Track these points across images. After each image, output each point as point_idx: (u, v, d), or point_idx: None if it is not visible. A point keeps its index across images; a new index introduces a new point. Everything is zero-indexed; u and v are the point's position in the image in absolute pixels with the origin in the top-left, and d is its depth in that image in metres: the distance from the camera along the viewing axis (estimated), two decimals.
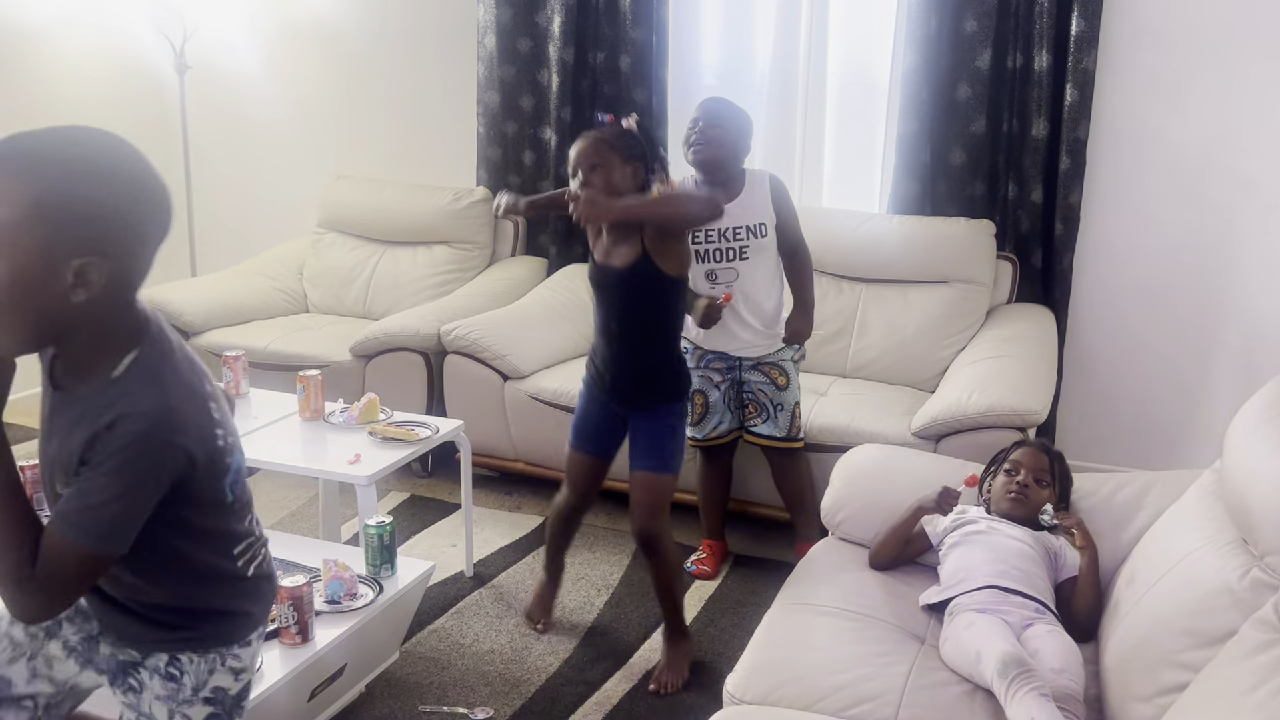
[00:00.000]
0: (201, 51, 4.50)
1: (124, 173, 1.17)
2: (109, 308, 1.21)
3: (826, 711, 1.72)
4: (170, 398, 1.24)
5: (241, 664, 1.48)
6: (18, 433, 4.04)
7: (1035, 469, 2.19)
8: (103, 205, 1.14)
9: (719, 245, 2.78)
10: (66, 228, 1.11)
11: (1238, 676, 1.35)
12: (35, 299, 1.13)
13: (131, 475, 1.20)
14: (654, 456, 2.45)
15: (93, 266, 1.13)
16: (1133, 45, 3.39)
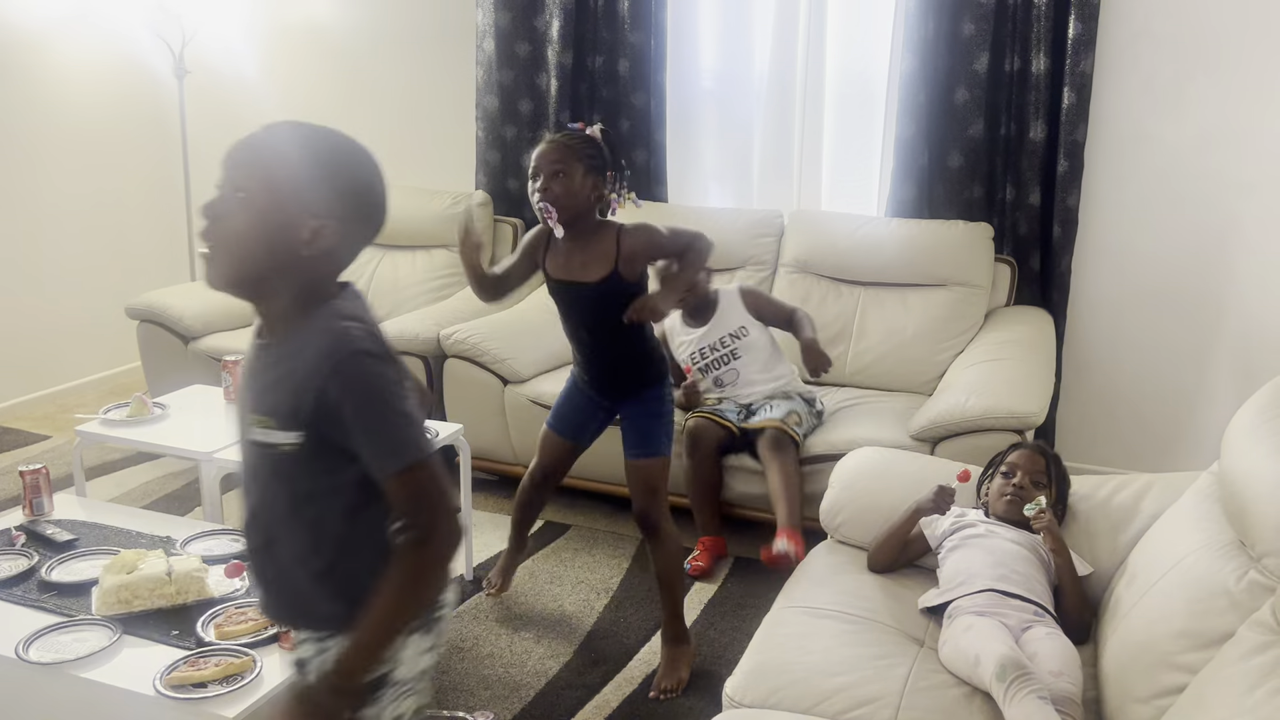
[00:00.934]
0: (200, 56, 4.51)
1: (368, 170, 1.37)
2: (322, 275, 1.35)
3: (826, 714, 1.72)
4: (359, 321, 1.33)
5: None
6: (19, 437, 4.04)
7: (1032, 471, 2.20)
8: (350, 187, 1.34)
9: (712, 358, 3.23)
10: (322, 193, 1.30)
11: (1235, 678, 1.36)
12: (275, 240, 1.29)
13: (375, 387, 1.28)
14: (643, 444, 2.50)
15: (327, 229, 1.30)
16: (1130, 48, 3.40)
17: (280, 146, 1.30)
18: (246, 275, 1.32)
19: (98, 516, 2.53)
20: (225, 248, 1.30)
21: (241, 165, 1.30)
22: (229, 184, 1.30)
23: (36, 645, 1.94)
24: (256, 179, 1.29)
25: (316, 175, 1.30)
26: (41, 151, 4.27)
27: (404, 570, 1.28)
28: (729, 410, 3.16)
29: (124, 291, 4.25)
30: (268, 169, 1.29)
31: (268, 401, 1.32)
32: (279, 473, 1.34)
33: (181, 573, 2.10)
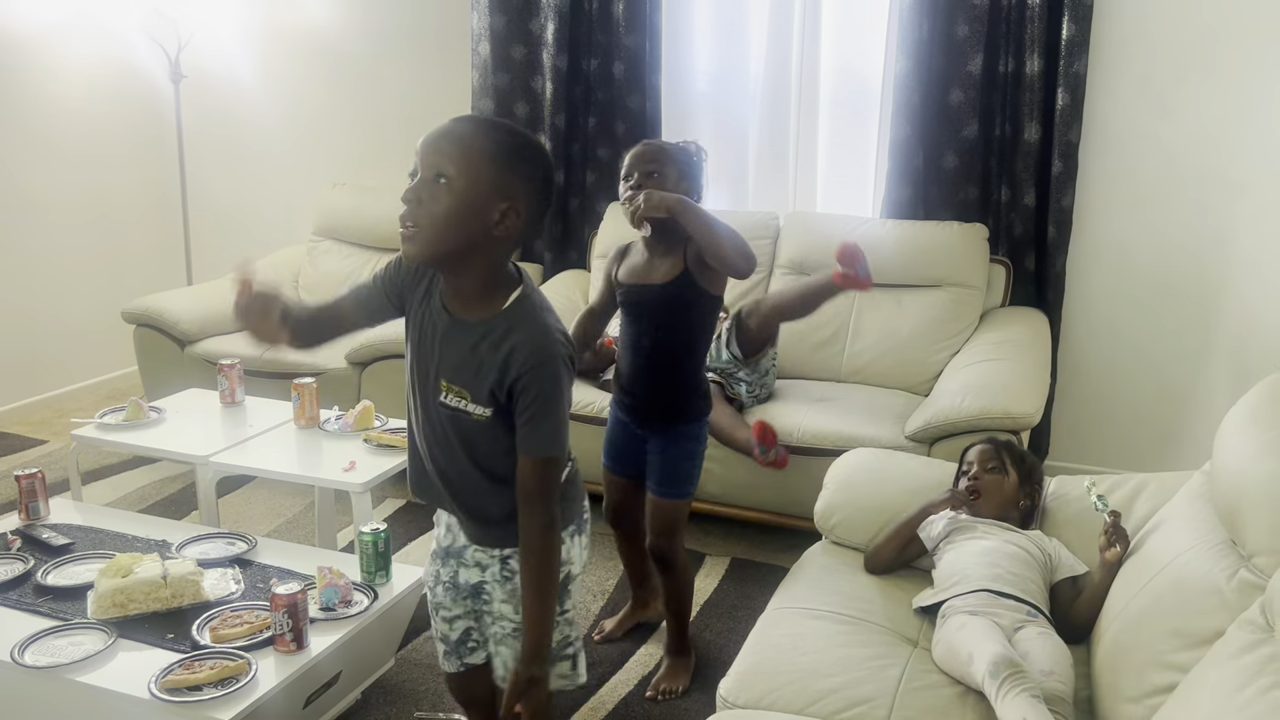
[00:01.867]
0: (196, 61, 4.52)
1: (545, 160, 1.56)
2: (505, 253, 1.56)
3: (819, 715, 1.72)
4: (553, 320, 1.57)
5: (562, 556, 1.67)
6: (15, 442, 4.05)
7: (983, 461, 2.24)
8: (531, 174, 1.51)
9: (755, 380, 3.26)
10: (511, 179, 1.48)
11: (1225, 677, 1.36)
12: (471, 221, 1.48)
13: (558, 389, 1.54)
14: (669, 483, 2.43)
15: (513, 212, 1.49)
16: (1124, 49, 3.41)
17: (473, 137, 1.48)
18: (445, 251, 1.50)
19: (93, 520, 2.54)
20: (428, 227, 1.48)
21: (441, 153, 1.47)
22: (429, 169, 1.47)
23: (32, 649, 1.95)
24: (456, 165, 1.46)
25: (505, 162, 1.48)
26: (38, 156, 4.28)
27: (540, 554, 1.58)
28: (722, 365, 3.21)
29: (120, 295, 4.25)
30: (465, 157, 1.46)
31: (465, 377, 1.56)
32: (464, 432, 1.60)
33: (177, 576, 2.11)
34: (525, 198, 1.50)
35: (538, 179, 1.52)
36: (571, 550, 1.69)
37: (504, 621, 1.71)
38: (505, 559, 1.68)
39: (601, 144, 4.06)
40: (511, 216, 1.49)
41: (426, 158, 1.47)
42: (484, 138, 1.48)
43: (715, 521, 3.32)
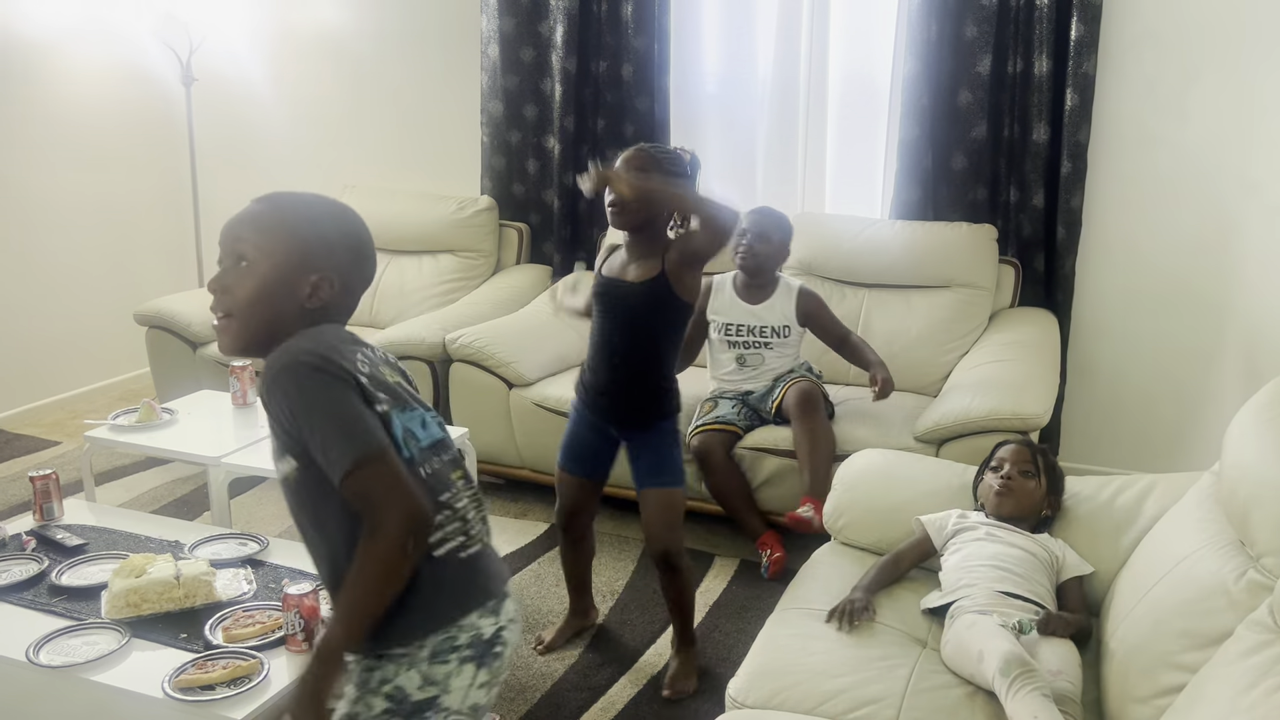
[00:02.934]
0: (208, 64, 4.54)
1: (355, 225, 1.49)
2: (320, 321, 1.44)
3: (828, 715, 1.73)
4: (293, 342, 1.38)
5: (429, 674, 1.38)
6: (28, 443, 4.07)
7: (1018, 462, 2.21)
8: (340, 242, 1.45)
9: (747, 339, 3.21)
10: (315, 250, 1.42)
11: (1233, 677, 1.36)
12: (281, 299, 1.40)
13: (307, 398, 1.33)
14: (663, 472, 2.43)
15: (325, 282, 1.42)
16: (1133, 49, 3.40)
17: (272, 214, 1.43)
18: (258, 336, 1.42)
19: (107, 521, 2.55)
20: (237, 315, 1.41)
21: (238, 238, 1.42)
22: (230, 256, 1.42)
23: (47, 649, 1.96)
24: (254, 247, 1.40)
25: (309, 234, 1.42)
26: (51, 159, 4.31)
27: (360, 564, 1.30)
28: (726, 413, 3.14)
29: (133, 298, 4.28)
30: (264, 236, 1.41)
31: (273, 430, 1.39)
32: (297, 500, 1.43)
33: (190, 577, 2.12)
34: (336, 266, 1.42)
35: (348, 244, 1.45)
36: (454, 677, 1.38)
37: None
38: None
39: (610, 146, 4.06)
40: (323, 287, 1.42)
41: (225, 243, 1.43)
42: (281, 213, 1.43)
43: (723, 523, 3.32)
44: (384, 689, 1.38)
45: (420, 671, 1.37)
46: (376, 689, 1.38)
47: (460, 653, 1.39)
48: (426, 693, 1.37)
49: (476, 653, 1.40)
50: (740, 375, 3.24)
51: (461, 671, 1.39)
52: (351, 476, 1.29)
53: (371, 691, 1.39)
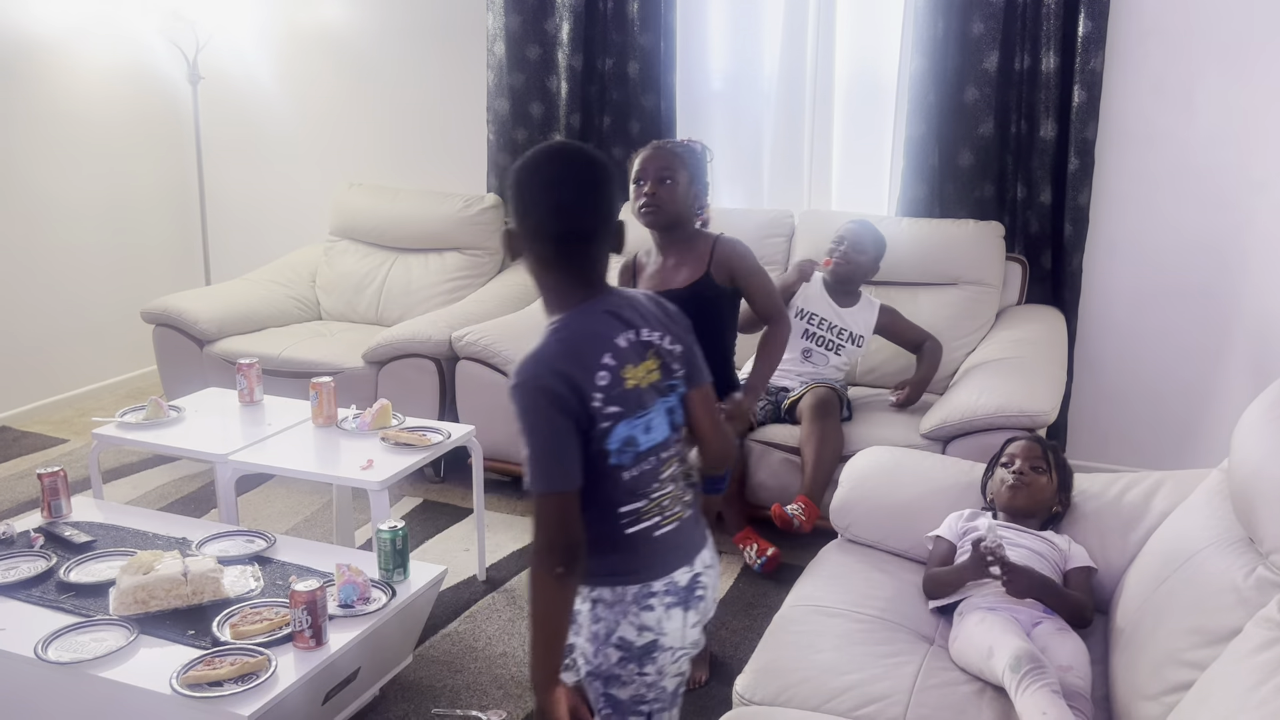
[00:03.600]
0: (214, 62, 4.55)
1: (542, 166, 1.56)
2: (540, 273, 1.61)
3: (835, 712, 1.73)
4: (542, 349, 1.53)
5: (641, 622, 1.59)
6: (36, 441, 4.09)
7: (1030, 457, 2.21)
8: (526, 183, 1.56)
9: (824, 335, 3.28)
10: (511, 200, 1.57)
11: (1242, 674, 1.36)
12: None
13: (521, 418, 1.48)
14: (717, 480, 2.42)
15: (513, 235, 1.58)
16: (1141, 46, 3.39)
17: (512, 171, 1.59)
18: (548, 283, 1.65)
19: (114, 518, 2.56)
20: None
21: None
22: None
23: (55, 645, 1.98)
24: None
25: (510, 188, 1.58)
26: (58, 157, 4.32)
27: (530, 586, 1.52)
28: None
29: (139, 296, 4.29)
30: None
31: None
32: None
33: (197, 573, 2.13)
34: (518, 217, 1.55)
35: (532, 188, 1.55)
36: (665, 621, 1.59)
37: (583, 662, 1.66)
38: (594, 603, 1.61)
39: (617, 143, 4.07)
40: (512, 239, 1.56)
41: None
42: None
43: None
44: (612, 640, 1.59)
45: (633, 622, 1.58)
46: (606, 641, 1.60)
47: (662, 599, 1.59)
48: (645, 638, 1.59)
49: (679, 599, 1.61)
50: (797, 367, 3.26)
51: (670, 615, 1.60)
52: (532, 496, 1.49)
53: (604, 644, 1.60)
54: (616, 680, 1.61)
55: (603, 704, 1.63)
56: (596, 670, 1.61)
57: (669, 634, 1.60)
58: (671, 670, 1.63)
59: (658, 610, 1.59)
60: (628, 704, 1.62)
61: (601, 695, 1.63)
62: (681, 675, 1.66)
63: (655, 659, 1.60)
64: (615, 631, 1.59)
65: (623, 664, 1.60)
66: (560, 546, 1.48)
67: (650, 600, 1.58)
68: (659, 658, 1.60)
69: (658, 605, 1.59)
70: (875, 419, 3.15)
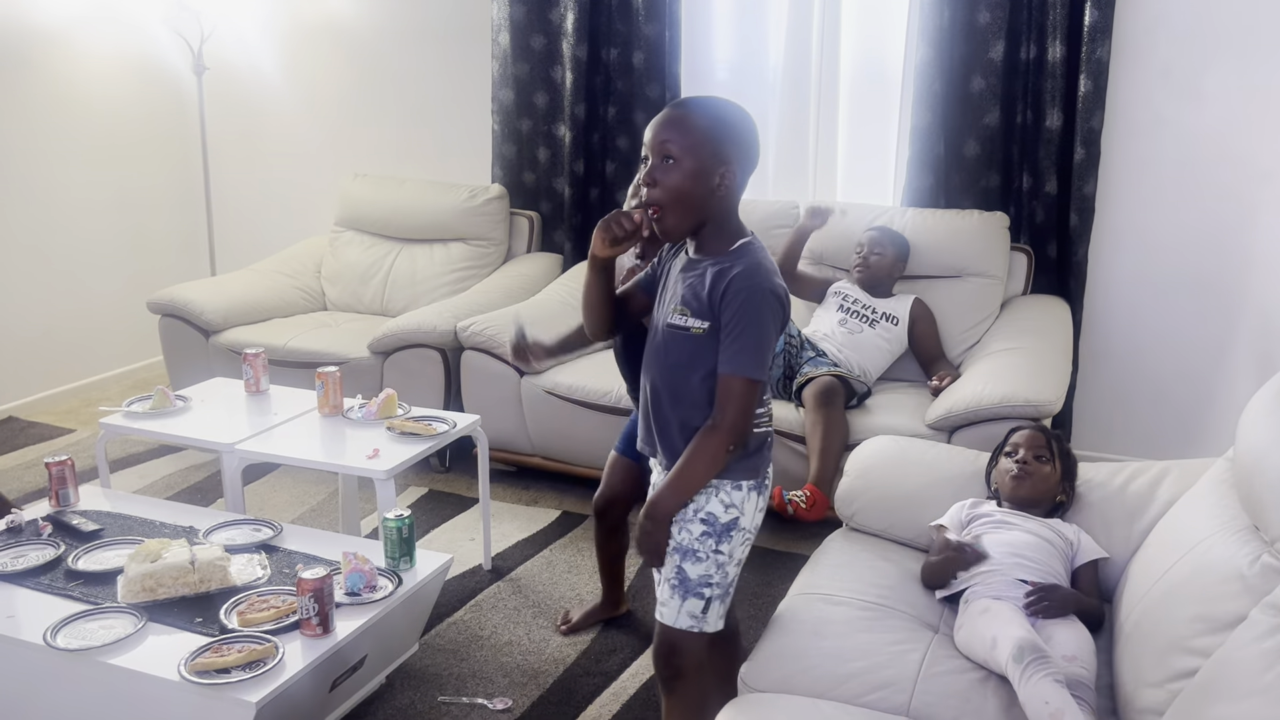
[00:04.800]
0: (219, 53, 4.55)
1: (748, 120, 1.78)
2: (728, 208, 1.78)
3: (840, 699, 1.74)
4: (765, 262, 1.76)
5: (729, 500, 1.80)
6: (43, 431, 4.10)
7: (1033, 447, 2.21)
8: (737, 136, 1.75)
9: (861, 311, 3.38)
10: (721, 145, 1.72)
11: (1247, 661, 1.36)
12: (698, 189, 1.72)
13: (755, 310, 1.70)
14: None
15: (728, 172, 1.73)
16: (1147, 35, 3.38)
17: (687, 119, 1.72)
18: (687, 221, 1.75)
19: (122, 507, 2.57)
20: (670, 205, 1.73)
21: (665, 139, 1.71)
22: (658, 155, 1.72)
23: (64, 632, 1.98)
24: (679, 146, 1.70)
25: (717, 134, 1.72)
26: (62, 148, 4.32)
27: (700, 446, 1.75)
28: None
29: (145, 286, 4.30)
30: (686, 136, 1.71)
31: (688, 296, 1.76)
32: (682, 349, 1.78)
33: (205, 561, 2.13)
34: (734, 159, 1.72)
35: (744, 141, 1.75)
36: (746, 502, 1.81)
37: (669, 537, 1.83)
38: None
39: (621, 134, 4.07)
40: (727, 177, 1.72)
41: (652, 144, 1.72)
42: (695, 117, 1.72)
43: None
44: (699, 515, 1.80)
45: (722, 500, 1.79)
46: (692, 517, 1.80)
47: (750, 483, 1.82)
48: (730, 514, 1.80)
49: (756, 484, 1.83)
50: (836, 334, 3.31)
51: (750, 498, 1.82)
52: (733, 379, 1.71)
53: (688, 520, 1.80)
54: (692, 555, 1.80)
55: (673, 575, 1.81)
56: (678, 544, 1.80)
57: (746, 514, 1.81)
58: (738, 554, 1.83)
59: (744, 489, 1.81)
60: (694, 583, 1.80)
61: (675, 569, 1.81)
62: (739, 566, 1.85)
63: (731, 537, 1.80)
64: (705, 507, 1.79)
65: (704, 539, 1.79)
66: (740, 430, 1.73)
67: (740, 482, 1.80)
68: (734, 537, 1.80)
69: (745, 486, 1.81)
70: (881, 408, 3.15)
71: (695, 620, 1.82)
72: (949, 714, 1.69)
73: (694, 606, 1.81)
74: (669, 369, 1.81)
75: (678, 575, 1.80)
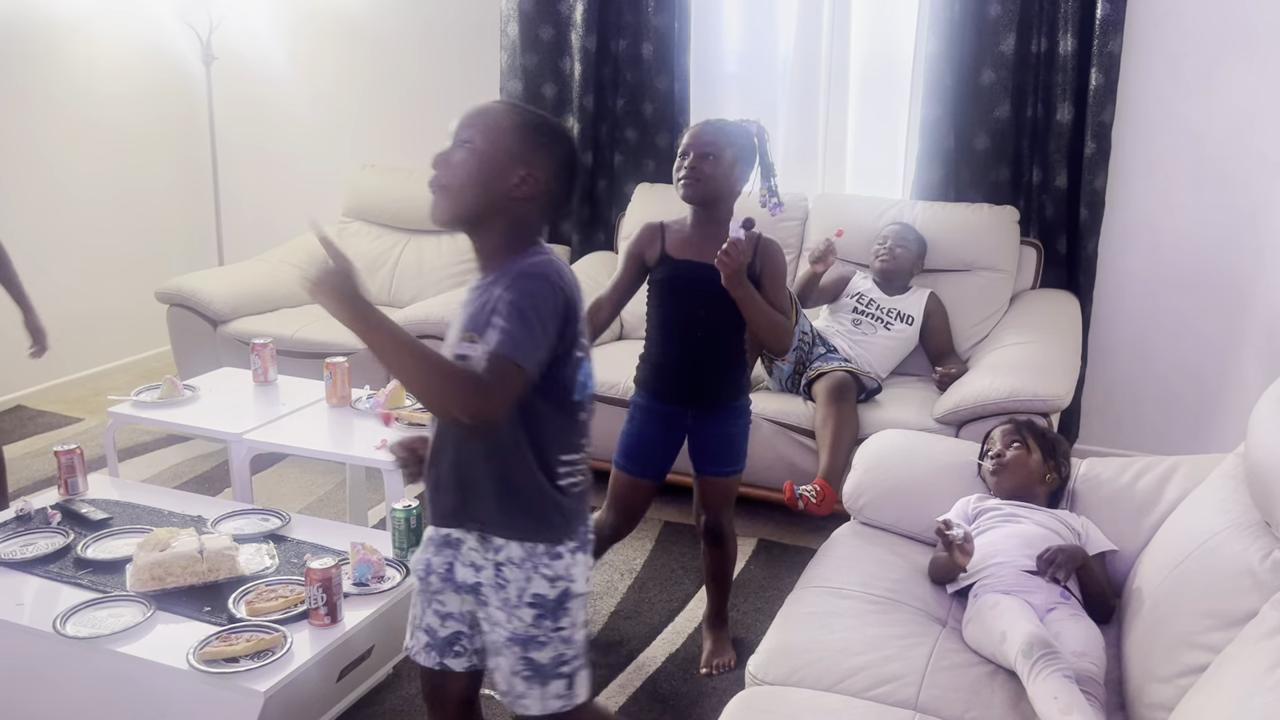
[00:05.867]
0: (227, 43, 4.55)
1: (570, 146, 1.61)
2: (524, 217, 1.57)
3: (848, 692, 1.73)
4: (557, 261, 1.56)
5: (553, 573, 1.59)
6: (52, 420, 4.11)
7: (1004, 438, 2.25)
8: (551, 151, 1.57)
9: (875, 313, 3.39)
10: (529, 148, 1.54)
11: (1257, 657, 1.36)
12: (489, 181, 1.53)
13: (527, 295, 1.47)
14: (725, 461, 2.42)
15: (531, 179, 1.53)
16: (1159, 29, 3.37)
17: (503, 110, 1.57)
18: (466, 211, 1.55)
19: (131, 496, 2.58)
20: (450, 187, 1.55)
21: (468, 123, 1.55)
22: (457, 137, 1.55)
23: (73, 620, 1.99)
24: (480, 131, 1.53)
25: (528, 135, 1.55)
26: (71, 138, 4.33)
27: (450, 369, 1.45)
28: (770, 383, 3.28)
29: (153, 276, 4.30)
30: (489, 124, 1.54)
31: (473, 319, 1.54)
32: None
33: (213, 551, 2.14)
34: (543, 171, 1.55)
35: (558, 160, 1.57)
36: (573, 568, 1.61)
37: (499, 629, 1.62)
38: (499, 566, 1.60)
39: (629, 125, 4.06)
40: (528, 184, 1.54)
41: (458, 127, 1.56)
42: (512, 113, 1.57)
43: (741, 502, 3.29)
44: (525, 600, 1.59)
45: (544, 575, 1.58)
46: (519, 604, 1.59)
47: (571, 545, 1.61)
48: (558, 588, 1.59)
49: (580, 543, 1.63)
50: (849, 331, 3.36)
51: (576, 561, 1.61)
52: (494, 357, 1.43)
53: (516, 608, 1.59)
54: (534, 642, 1.60)
55: (522, 668, 1.61)
56: (514, 634, 1.60)
57: (577, 580, 1.62)
58: (580, 619, 1.65)
59: (565, 557, 1.60)
60: (548, 667, 1.62)
61: (521, 660, 1.61)
62: (585, 626, 1.67)
63: (568, 609, 1.61)
64: (527, 589, 1.58)
65: (539, 622, 1.59)
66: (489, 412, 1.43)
67: (558, 549, 1.60)
68: (570, 608, 1.62)
69: (564, 552, 1.60)
70: (889, 402, 3.15)
71: (564, 698, 1.65)
72: (957, 708, 1.69)
73: (558, 688, 1.64)
74: None
75: (527, 666, 1.61)
